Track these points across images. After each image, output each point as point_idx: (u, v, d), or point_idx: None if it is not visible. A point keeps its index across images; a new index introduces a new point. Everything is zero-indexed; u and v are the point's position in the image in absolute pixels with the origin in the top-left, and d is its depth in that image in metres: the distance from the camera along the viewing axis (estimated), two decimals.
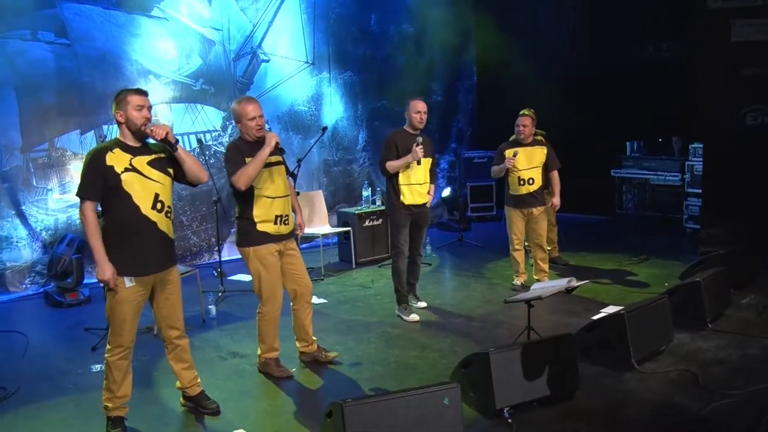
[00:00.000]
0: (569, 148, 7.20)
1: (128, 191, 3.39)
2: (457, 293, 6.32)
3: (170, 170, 3.59)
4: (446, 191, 10.02)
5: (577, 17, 9.40)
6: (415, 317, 5.45)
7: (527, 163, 6.02)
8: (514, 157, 5.94)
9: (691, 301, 4.89)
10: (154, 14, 7.18)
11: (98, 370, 4.40)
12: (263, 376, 4.36)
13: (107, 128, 6.85)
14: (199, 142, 7.21)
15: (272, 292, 4.22)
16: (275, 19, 8.17)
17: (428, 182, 5.42)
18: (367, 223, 7.53)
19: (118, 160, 3.39)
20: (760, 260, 6.15)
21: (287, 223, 4.24)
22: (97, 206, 3.42)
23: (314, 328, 4.57)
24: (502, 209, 6.73)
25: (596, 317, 4.97)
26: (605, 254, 7.39)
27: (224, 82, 7.79)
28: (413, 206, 5.35)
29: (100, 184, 3.35)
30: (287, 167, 4.37)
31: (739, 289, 5.61)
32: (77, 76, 6.72)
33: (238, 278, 6.93)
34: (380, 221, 7.63)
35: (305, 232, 5.18)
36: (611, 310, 5.18)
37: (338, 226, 7.75)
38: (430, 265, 7.32)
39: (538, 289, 4.51)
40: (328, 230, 7.51)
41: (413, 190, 5.31)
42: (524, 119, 6.03)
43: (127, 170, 3.40)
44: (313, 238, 7.78)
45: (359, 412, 3.08)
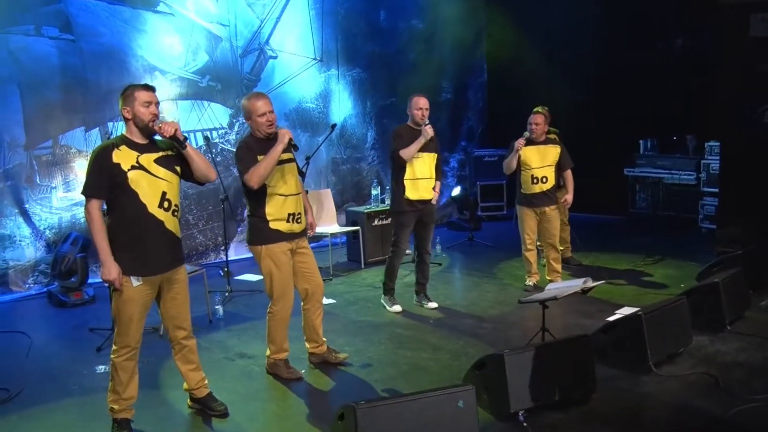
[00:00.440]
0: (581, 146, 7.12)
1: (135, 189, 3.34)
2: (468, 294, 6.25)
3: (178, 168, 3.54)
4: (456, 190, 9.94)
5: (589, 13, 9.29)
6: (398, 308, 5.55)
7: (540, 161, 5.92)
8: (524, 138, 5.80)
9: (709, 302, 4.81)
10: (160, 9, 7.12)
11: (103, 371, 4.38)
12: (272, 377, 4.31)
13: (112, 125, 6.80)
14: (206, 139, 7.14)
15: (283, 291, 4.18)
16: (283, 14, 8.10)
17: (434, 177, 5.38)
18: (376, 222, 7.45)
19: (124, 157, 3.34)
20: None
21: (300, 221, 4.20)
22: (103, 205, 3.37)
23: (323, 328, 4.52)
24: (512, 208, 6.65)
25: (611, 318, 4.91)
26: (619, 254, 7.31)
27: (231, 78, 7.73)
28: (418, 202, 5.32)
29: (106, 182, 3.31)
30: (298, 165, 4.32)
31: (757, 290, 5.50)
32: (82, 72, 6.65)
33: (245, 278, 6.89)
34: (389, 220, 7.44)
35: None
36: (626, 311, 5.14)
37: (347, 225, 7.68)
38: (440, 264, 7.27)
39: (552, 289, 4.45)
40: (336, 229, 7.45)
41: (419, 185, 5.28)
42: (537, 117, 5.91)
43: (133, 168, 3.34)
44: (321, 237, 7.70)
45: (372, 414, 3.03)
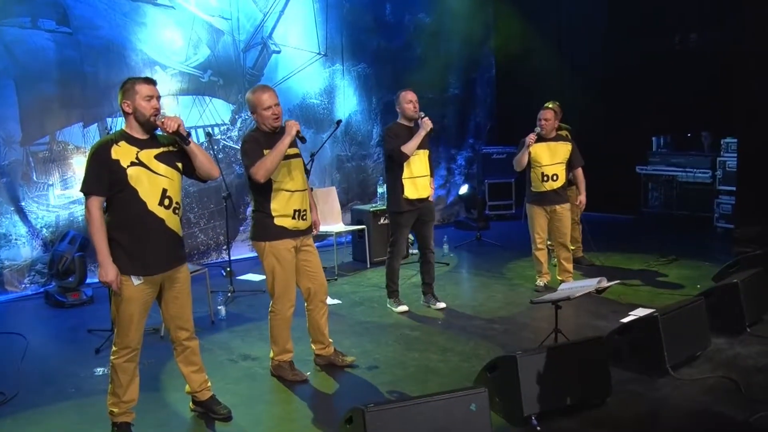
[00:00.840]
0: (592, 143, 7.02)
1: (134, 186, 3.26)
2: (477, 294, 6.15)
3: (179, 164, 3.45)
4: (463, 188, 9.85)
5: (601, 6, 9.18)
6: (403, 308, 5.51)
7: (551, 158, 5.80)
8: (535, 134, 5.68)
9: (728, 303, 4.69)
10: (160, 2, 7.01)
11: (102, 373, 4.32)
12: (276, 380, 4.25)
13: (111, 120, 6.69)
14: (208, 135, 7.03)
15: (285, 289, 4.11)
16: (286, 8, 7.98)
17: (428, 174, 5.37)
18: (382, 220, 7.30)
19: (123, 153, 3.26)
20: None
21: (305, 218, 4.12)
22: (103, 202, 3.28)
23: (329, 330, 4.43)
24: (521, 207, 6.53)
25: (626, 320, 4.82)
26: (631, 254, 7.18)
27: (233, 73, 7.61)
28: (417, 200, 5.29)
29: (106, 178, 3.22)
30: (303, 162, 4.23)
31: None
32: (80, 66, 6.55)
33: (247, 278, 6.81)
34: None
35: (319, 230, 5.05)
36: (641, 312, 5.05)
37: (352, 224, 7.58)
38: (447, 264, 7.17)
39: (565, 289, 4.38)
40: (341, 228, 7.32)
41: (416, 183, 5.26)
42: (547, 112, 5.80)
43: (133, 164, 3.27)
44: (325, 236, 7.59)
45: (381, 418, 2.97)
